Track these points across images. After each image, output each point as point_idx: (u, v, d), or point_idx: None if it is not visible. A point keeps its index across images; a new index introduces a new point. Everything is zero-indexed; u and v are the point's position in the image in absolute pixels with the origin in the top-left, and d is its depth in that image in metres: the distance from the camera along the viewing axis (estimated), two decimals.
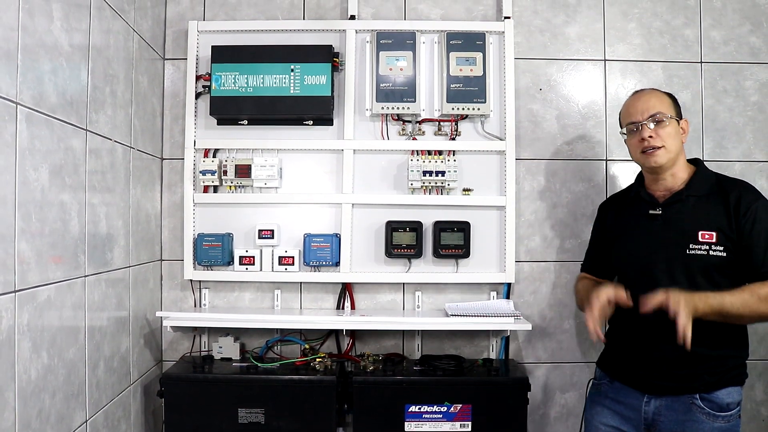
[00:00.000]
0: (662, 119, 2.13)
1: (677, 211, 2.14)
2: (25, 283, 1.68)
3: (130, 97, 2.47)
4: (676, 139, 2.15)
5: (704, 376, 2.04)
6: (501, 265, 2.79)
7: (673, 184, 2.18)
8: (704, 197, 2.12)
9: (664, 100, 2.19)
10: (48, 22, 1.80)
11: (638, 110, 2.19)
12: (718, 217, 2.07)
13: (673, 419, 2.07)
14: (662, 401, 2.09)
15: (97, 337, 2.17)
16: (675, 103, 2.21)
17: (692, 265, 2.07)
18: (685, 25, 2.89)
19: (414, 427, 2.49)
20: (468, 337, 2.85)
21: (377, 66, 2.75)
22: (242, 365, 2.64)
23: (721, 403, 2.02)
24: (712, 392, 2.03)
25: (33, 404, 1.72)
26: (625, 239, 2.26)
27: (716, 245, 2.05)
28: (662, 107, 2.16)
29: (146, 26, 2.64)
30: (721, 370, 2.05)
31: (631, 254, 2.23)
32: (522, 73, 2.87)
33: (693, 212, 2.11)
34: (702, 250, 2.06)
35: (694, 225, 2.09)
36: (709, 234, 2.06)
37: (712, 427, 2.01)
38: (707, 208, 2.10)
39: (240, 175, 2.73)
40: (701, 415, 2.02)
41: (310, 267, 2.77)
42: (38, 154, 1.74)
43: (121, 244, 2.38)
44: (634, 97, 2.26)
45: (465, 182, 2.79)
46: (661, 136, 2.13)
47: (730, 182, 2.17)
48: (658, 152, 2.13)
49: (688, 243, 2.08)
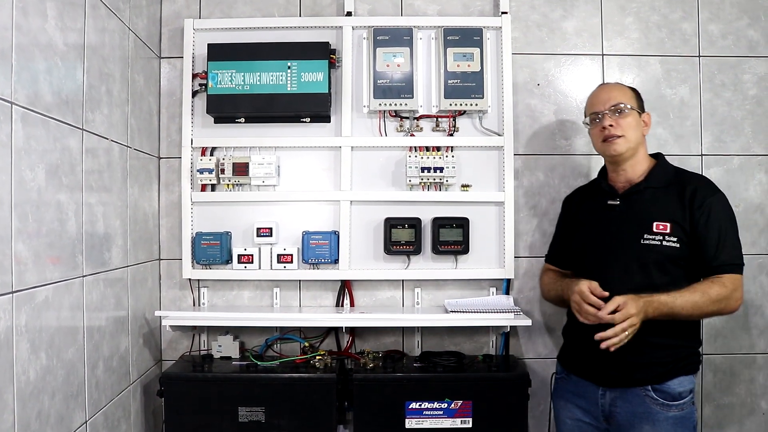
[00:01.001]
0: (623, 109, 2.20)
1: (634, 202, 2.20)
2: (22, 284, 1.67)
3: (127, 96, 2.46)
4: (636, 130, 2.22)
5: (656, 367, 2.08)
6: (500, 260, 2.79)
7: (633, 175, 2.24)
8: (662, 189, 2.18)
9: (627, 93, 2.27)
10: (42, 21, 1.79)
11: (601, 100, 2.27)
12: (673, 209, 2.12)
13: (628, 410, 2.11)
14: (616, 393, 2.15)
15: (96, 337, 2.16)
16: (638, 97, 2.29)
17: (646, 255, 2.12)
18: (683, 19, 2.88)
19: (415, 423, 2.48)
20: (468, 334, 2.85)
21: (374, 62, 2.74)
22: (242, 364, 2.63)
23: (674, 392, 2.06)
24: (664, 382, 2.07)
25: (32, 405, 1.72)
26: (584, 229, 2.34)
27: (670, 236, 2.09)
28: (624, 98, 2.24)
29: (142, 25, 2.63)
30: (672, 360, 2.09)
31: (589, 244, 2.29)
32: (520, 68, 2.86)
33: (649, 203, 2.17)
34: (656, 240, 2.11)
35: (650, 215, 2.14)
36: (663, 224, 2.11)
37: (666, 417, 2.06)
38: (664, 199, 2.15)
39: (238, 173, 2.72)
40: (655, 405, 2.07)
41: (309, 265, 2.77)
42: (34, 154, 1.74)
43: (119, 244, 2.38)
44: (598, 89, 2.36)
45: (463, 178, 2.79)
46: (621, 125, 2.20)
47: (688, 175, 2.25)
48: (618, 141, 2.20)
49: (643, 233, 2.13)
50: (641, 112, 2.26)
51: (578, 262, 2.35)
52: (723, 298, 2.04)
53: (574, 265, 2.38)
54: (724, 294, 2.04)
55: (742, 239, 2.15)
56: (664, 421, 2.05)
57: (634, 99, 2.26)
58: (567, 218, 2.51)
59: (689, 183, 2.16)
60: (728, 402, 2.86)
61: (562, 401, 2.34)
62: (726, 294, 2.05)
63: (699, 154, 2.85)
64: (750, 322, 2.85)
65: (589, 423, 2.23)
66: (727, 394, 2.86)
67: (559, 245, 2.52)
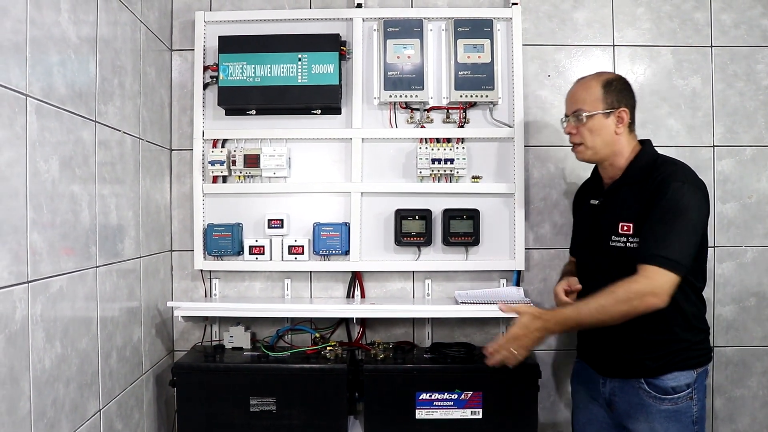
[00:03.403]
0: (580, 117, 2.13)
1: (610, 202, 2.18)
2: (37, 274, 1.69)
3: (138, 88, 2.47)
4: (598, 134, 2.13)
5: (646, 361, 2.07)
6: (511, 252, 2.79)
7: (614, 172, 2.20)
8: (636, 185, 2.09)
9: (592, 93, 2.13)
10: (56, 15, 1.81)
11: (567, 103, 2.24)
12: (637, 207, 2.04)
13: (625, 400, 2.13)
14: (615, 383, 2.16)
15: (110, 328, 2.19)
16: (610, 92, 2.12)
17: (613, 259, 2.10)
18: (695, 9, 2.86)
19: (425, 414, 2.49)
20: (478, 325, 2.85)
21: (385, 54, 2.74)
22: (253, 354, 2.65)
23: (666, 387, 2.05)
24: (657, 377, 2.06)
25: (47, 393, 1.74)
26: (576, 228, 2.40)
27: (632, 237, 2.04)
28: (585, 103, 2.14)
29: (153, 17, 2.64)
30: (663, 354, 2.06)
31: (579, 241, 2.35)
32: (530, 59, 2.86)
33: (620, 202, 2.13)
34: (620, 242, 2.08)
35: (617, 216, 2.10)
36: (627, 225, 2.06)
37: (659, 410, 2.06)
38: (633, 197, 2.08)
39: (249, 165, 2.73)
40: (648, 398, 2.07)
41: (320, 256, 2.78)
42: (48, 146, 1.75)
43: (131, 235, 2.40)
44: (571, 88, 2.26)
45: (474, 170, 2.79)
46: (580, 133, 2.16)
47: (663, 165, 2.08)
48: (578, 149, 2.20)
49: (611, 235, 2.11)
50: (613, 109, 2.11)
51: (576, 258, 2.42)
52: (634, 294, 1.90)
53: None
54: (635, 289, 1.90)
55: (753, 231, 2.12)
56: (656, 414, 2.05)
57: (601, 99, 2.11)
58: (574, 212, 2.54)
59: (659, 172, 2.02)
60: (740, 394, 2.85)
61: (577, 385, 2.39)
62: (637, 289, 1.90)
63: (711, 146, 2.83)
64: (762, 314, 2.83)
65: (599, 406, 2.25)
66: (739, 387, 2.85)
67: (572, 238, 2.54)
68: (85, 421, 1.98)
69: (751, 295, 2.82)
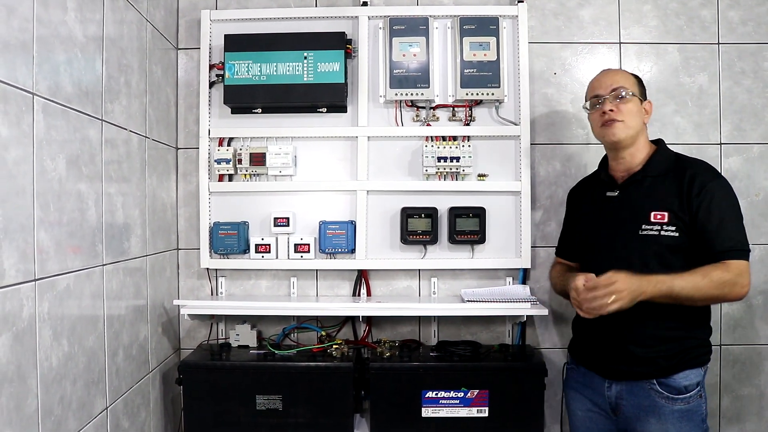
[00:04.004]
0: (625, 95, 2.17)
1: (632, 192, 2.17)
2: (44, 272, 1.70)
3: (144, 87, 2.48)
4: (636, 116, 2.18)
5: (659, 360, 2.06)
6: (517, 250, 2.79)
7: (632, 164, 2.21)
8: (660, 177, 2.14)
9: (629, 79, 2.23)
10: (62, 13, 1.81)
11: (603, 84, 2.24)
12: (671, 197, 2.08)
13: (634, 403, 2.11)
14: (623, 386, 2.14)
15: (116, 326, 2.19)
16: (640, 84, 2.25)
17: (645, 246, 2.09)
18: (702, 6, 2.84)
19: (431, 412, 2.49)
20: (484, 323, 2.85)
21: (390, 52, 2.74)
22: (259, 352, 2.66)
23: (679, 386, 2.05)
24: (669, 376, 2.06)
25: (55, 391, 1.75)
26: (586, 222, 2.33)
27: (668, 225, 2.06)
28: (626, 84, 2.20)
29: (159, 16, 2.64)
30: (677, 352, 2.06)
31: (590, 237, 2.28)
32: (536, 57, 2.85)
33: (648, 193, 2.14)
34: (654, 230, 2.07)
35: (647, 205, 2.11)
36: (660, 214, 2.07)
37: (671, 410, 2.05)
38: (662, 188, 2.11)
39: (255, 163, 2.73)
40: (660, 399, 2.06)
41: (326, 254, 2.78)
42: (55, 144, 1.76)
43: (137, 234, 2.40)
44: (600, 74, 2.31)
45: (480, 168, 2.78)
46: (621, 110, 2.17)
47: (688, 162, 2.17)
48: (617, 125, 2.17)
49: (641, 224, 2.10)
50: (643, 99, 2.22)
51: (583, 255, 2.35)
52: (726, 282, 1.96)
53: (580, 258, 2.38)
54: (727, 278, 1.97)
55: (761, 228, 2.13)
56: (669, 415, 2.04)
57: (636, 86, 2.22)
58: (571, 211, 2.50)
59: (688, 169, 2.10)
60: (747, 393, 2.84)
61: (572, 392, 2.34)
62: (729, 279, 1.97)
63: (717, 143, 2.82)
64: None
65: (598, 413, 2.23)
66: (746, 385, 2.84)
67: (565, 238, 2.51)
68: (92, 419, 1.99)
69: (759, 293, 2.81)
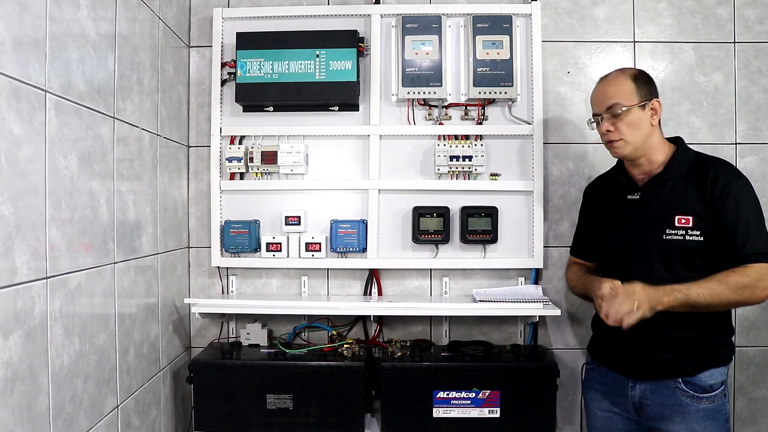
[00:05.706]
0: (617, 111, 2.09)
1: (655, 196, 2.13)
2: (56, 270, 1.70)
3: (156, 85, 2.48)
4: (637, 128, 2.10)
5: (686, 360, 2.05)
6: (529, 250, 2.77)
7: (650, 168, 2.17)
8: (682, 179, 2.10)
9: (625, 87, 2.11)
10: (75, 11, 1.81)
11: (597, 102, 2.19)
12: (695, 200, 2.05)
13: (659, 402, 2.09)
14: (647, 385, 2.12)
15: (127, 324, 2.19)
16: (641, 84, 2.12)
17: (669, 251, 2.06)
18: (718, 4, 2.81)
19: (442, 413, 2.48)
20: (496, 323, 2.83)
21: (403, 50, 2.72)
22: (270, 351, 2.65)
23: (704, 385, 2.04)
24: (695, 375, 2.05)
25: (66, 389, 1.75)
26: (606, 225, 2.27)
27: (693, 230, 2.03)
28: (620, 96, 2.10)
29: (171, 14, 2.64)
30: (703, 353, 2.05)
31: (611, 240, 2.24)
32: (549, 55, 2.83)
33: (670, 196, 2.10)
34: (678, 235, 2.05)
35: (671, 209, 2.08)
36: (685, 219, 2.04)
37: (696, 409, 2.04)
38: (685, 191, 2.08)
39: (266, 161, 2.73)
40: (685, 398, 2.04)
41: (337, 253, 2.77)
42: (67, 142, 1.76)
43: (149, 232, 2.40)
44: (596, 86, 2.23)
45: (492, 167, 2.76)
46: (619, 128, 2.11)
47: (709, 162, 2.13)
48: (617, 144, 2.13)
49: (665, 228, 2.07)
50: (647, 100, 2.11)
51: (602, 258, 2.32)
52: (744, 286, 1.94)
53: (598, 258, 2.35)
54: (746, 282, 1.94)
55: None
56: (694, 414, 2.03)
57: (634, 92, 2.10)
58: (588, 210, 2.44)
59: (710, 169, 2.06)
60: (762, 395, 2.81)
61: (591, 392, 2.32)
62: (748, 282, 1.94)
63: (733, 143, 2.79)
64: None
65: (618, 414, 2.20)
66: (760, 387, 2.81)
67: (582, 238, 2.46)
68: (103, 417, 1.99)
69: None
